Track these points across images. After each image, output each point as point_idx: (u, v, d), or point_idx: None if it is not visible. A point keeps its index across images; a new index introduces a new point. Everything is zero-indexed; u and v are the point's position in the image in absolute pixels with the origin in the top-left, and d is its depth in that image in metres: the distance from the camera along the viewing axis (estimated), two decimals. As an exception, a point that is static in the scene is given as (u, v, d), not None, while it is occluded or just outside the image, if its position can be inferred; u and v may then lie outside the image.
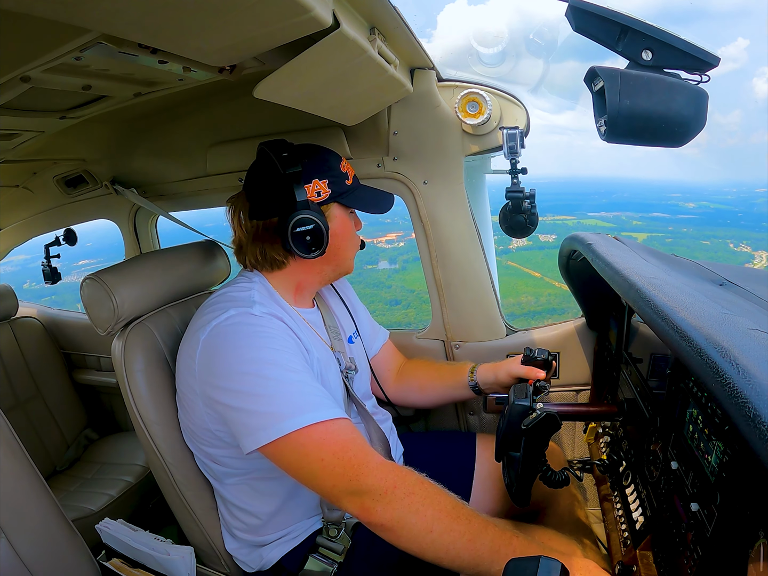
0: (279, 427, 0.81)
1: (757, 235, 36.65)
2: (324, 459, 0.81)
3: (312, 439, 0.81)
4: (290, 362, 0.87)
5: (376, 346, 1.32)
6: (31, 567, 0.80)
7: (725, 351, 0.53)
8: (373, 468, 0.81)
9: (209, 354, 0.88)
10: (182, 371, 0.95)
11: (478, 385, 1.22)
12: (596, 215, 37.42)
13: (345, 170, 1.03)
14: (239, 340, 0.86)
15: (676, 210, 47.89)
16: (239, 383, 0.84)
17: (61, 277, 2.14)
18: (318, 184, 0.98)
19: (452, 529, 0.77)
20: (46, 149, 1.53)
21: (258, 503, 1.00)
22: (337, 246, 1.03)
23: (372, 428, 1.11)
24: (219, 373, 0.86)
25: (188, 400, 0.94)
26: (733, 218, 46.46)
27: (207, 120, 1.49)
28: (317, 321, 1.11)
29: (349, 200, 1.03)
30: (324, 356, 1.03)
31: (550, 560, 0.57)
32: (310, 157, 1.00)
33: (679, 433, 0.85)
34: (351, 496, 0.81)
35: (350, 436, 0.84)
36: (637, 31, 0.77)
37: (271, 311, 0.93)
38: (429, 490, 0.81)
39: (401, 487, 0.79)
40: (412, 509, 0.78)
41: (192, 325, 0.96)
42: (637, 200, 56.08)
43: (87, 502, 1.67)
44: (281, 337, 0.90)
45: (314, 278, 1.07)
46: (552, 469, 0.97)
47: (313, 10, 0.59)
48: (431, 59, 1.19)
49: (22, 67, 0.75)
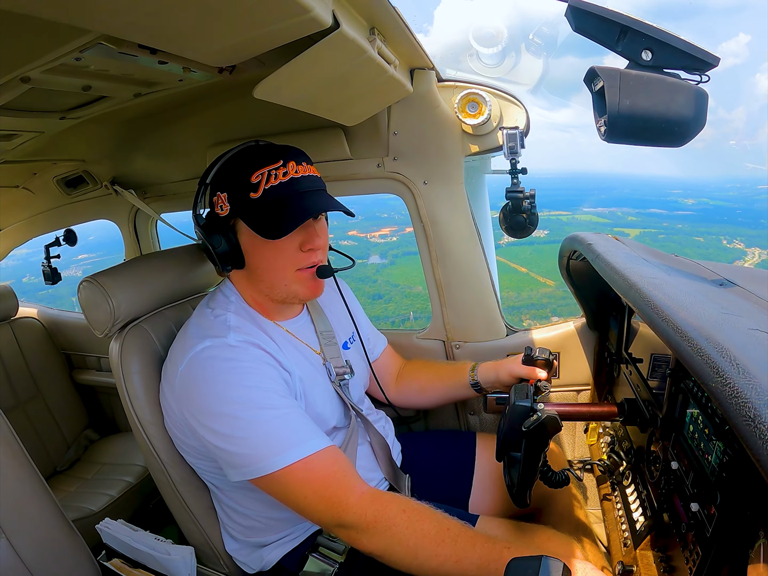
0: (259, 467, 0.82)
1: (753, 232, 36.65)
2: (307, 497, 0.83)
3: (293, 478, 0.83)
4: (266, 399, 0.86)
5: (377, 351, 1.32)
6: (31, 567, 0.80)
7: (725, 351, 0.53)
8: (353, 504, 0.82)
9: (187, 387, 0.88)
10: (165, 391, 0.96)
11: (479, 384, 1.22)
12: (592, 210, 37.32)
13: (257, 179, 0.89)
14: (213, 377, 0.86)
15: (674, 206, 47.82)
16: (216, 423, 0.84)
17: (61, 277, 2.14)
18: (220, 198, 0.93)
19: (437, 554, 0.79)
20: (46, 150, 1.53)
21: (257, 507, 0.99)
22: (255, 265, 0.95)
23: (370, 431, 1.11)
24: (197, 409, 0.87)
25: (173, 421, 0.96)
26: (732, 215, 46.43)
27: (207, 120, 1.49)
28: (304, 329, 1.08)
29: (249, 218, 0.90)
30: (308, 373, 1.00)
31: (552, 560, 0.57)
32: (222, 166, 0.94)
33: (679, 433, 0.85)
34: (338, 528, 0.84)
35: (331, 469, 0.84)
36: (636, 31, 0.77)
37: (247, 338, 0.90)
38: (411, 517, 0.81)
39: (381, 521, 0.81)
40: (395, 540, 0.80)
41: (172, 352, 0.97)
42: (636, 196, 56.06)
43: (87, 503, 1.67)
44: (256, 369, 0.88)
45: (260, 295, 1.00)
46: (552, 469, 0.97)
47: (313, 10, 0.59)
48: (431, 59, 1.19)
49: (22, 67, 0.75)
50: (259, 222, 0.90)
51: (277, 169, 0.90)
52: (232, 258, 0.95)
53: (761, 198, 56.49)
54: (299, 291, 0.97)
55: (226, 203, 0.92)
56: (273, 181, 0.89)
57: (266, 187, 0.89)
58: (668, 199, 51.98)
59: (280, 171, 0.90)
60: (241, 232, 0.94)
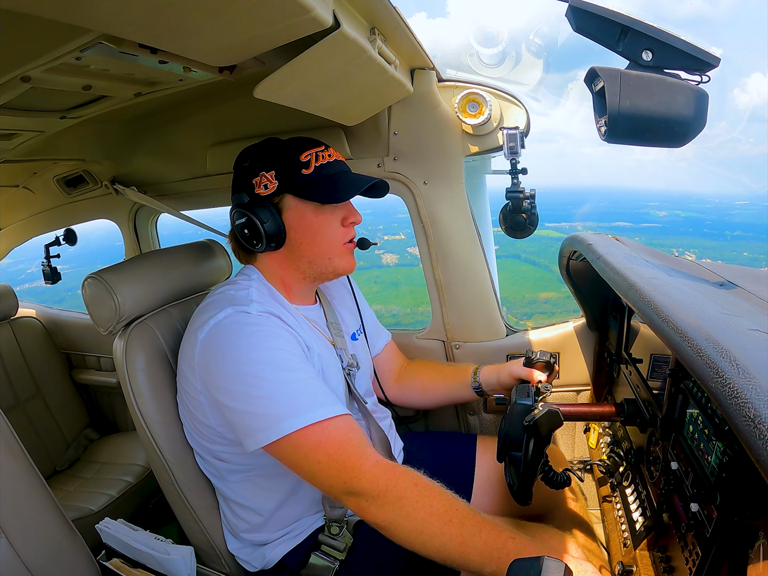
0: (277, 428, 0.82)
1: (710, 244, 36.85)
2: (321, 461, 0.83)
3: (309, 441, 0.83)
4: (287, 361, 0.87)
5: (379, 345, 1.33)
6: (31, 567, 0.80)
7: (725, 351, 0.53)
8: (366, 471, 0.82)
9: (208, 353, 0.89)
10: (184, 369, 0.95)
11: (481, 387, 1.22)
12: (554, 226, 36.81)
13: (307, 158, 0.95)
14: (236, 340, 0.87)
15: (643, 218, 47.97)
16: (237, 384, 0.85)
17: (60, 276, 2.14)
18: (264, 177, 0.95)
19: (443, 533, 0.78)
20: (46, 149, 1.52)
21: (260, 500, 1.00)
22: (299, 240, 0.98)
23: (372, 426, 1.11)
24: (218, 373, 0.87)
25: (190, 398, 0.95)
26: (699, 226, 46.71)
27: (207, 120, 1.49)
28: (319, 318, 1.11)
29: (301, 190, 0.95)
30: (325, 353, 1.03)
31: (553, 560, 0.57)
32: (262, 150, 0.98)
33: (679, 434, 0.85)
34: (348, 496, 0.83)
35: (347, 436, 0.85)
36: (637, 31, 0.77)
37: (268, 309, 0.93)
38: (422, 492, 0.81)
39: (393, 491, 0.81)
40: (403, 512, 0.80)
41: (191, 324, 0.97)
42: (611, 209, 56.52)
43: (87, 502, 1.67)
44: (278, 334, 0.90)
45: (294, 274, 1.03)
46: (554, 469, 0.97)
47: (314, 10, 0.59)
48: (431, 59, 1.19)
49: (22, 67, 0.75)
50: (313, 192, 0.95)
51: (323, 151, 0.98)
52: (276, 235, 0.96)
53: (735, 212, 57.09)
54: (339, 265, 1.03)
55: (273, 180, 0.95)
56: (322, 160, 0.97)
57: (317, 164, 0.96)
58: (640, 212, 52.30)
59: (326, 153, 0.99)
60: (287, 208, 0.97)
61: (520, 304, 18.06)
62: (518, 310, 18.22)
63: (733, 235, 42.67)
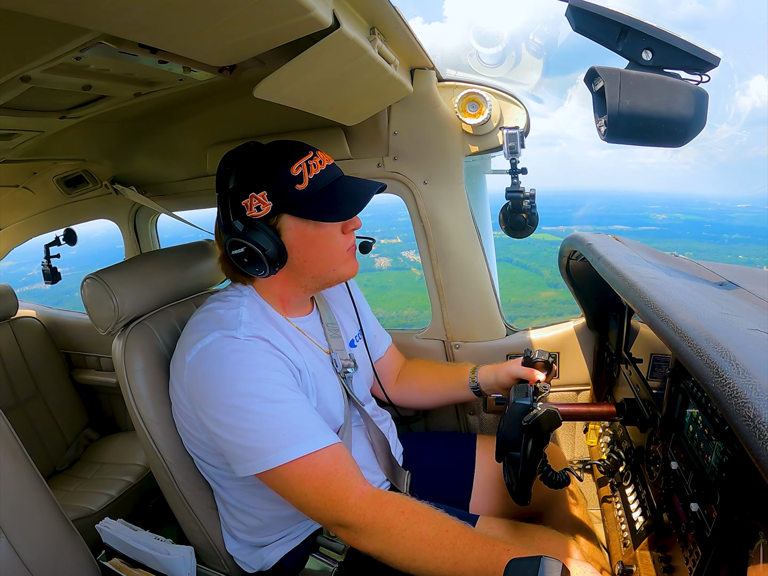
0: (264, 461, 0.82)
1: (707, 246, 36.73)
2: (307, 494, 0.83)
3: (295, 474, 0.83)
4: (274, 393, 0.85)
5: (381, 350, 1.32)
6: (31, 567, 0.80)
7: (725, 351, 0.53)
8: (352, 504, 0.82)
9: (196, 378, 0.88)
10: (174, 385, 0.95)
11: (479, 387, 1.22)
12: (551, 229, 36.51)
13: (298, 171, 0.88)
14: (222, 368, 0.85)
15: (641, 221, 47.85)
16: (224, 415, 0.84)
17: (60, 276, 2.14)
18: (255, 198, 0.88)
19: (435, 557, 0.78)
20: (46, 149, 1.53)
21: (257, 505, 1.00)
22: (302, 259, 0.94)
23: (372, 430, 1.11)
24: (205, 401, 0.86)
25: (182, 413, 0.95)
26: (697, 229, 46.54)
27: (207, 120, 1.49)
28: (314, 327, 1.07)
29: (299, 209, 0.89)
30: (319, 368, 1.00)
31: (551, 560, 0.57)
32: (246, 163, 0.90)
33: (678, 433, 0.85)
34: (337, 527, 0.84)
35: (333, 467, 0.84)
36: (637, 31, 0.77)
37: (256, 333, 0.89)
38: (410, 519, 0.81)
39: (380, 522, 0.81)
40: (392, 542, 0.80)
41: (181, 341, 0.95)
42: (611, 212, 56.43)
43: (87, 502, 1.67)
44: (266, 362, 0.87)
45: (294, 290, 1.00)
46: (553, 469, 0.97)
47: (313, 10, 0.59)
48: (431, 59, 1.19)
49: (22, 67, 0.75)
50: (312, 210, 0.89)
51: (312, 159, 0.91)
52: (278, 258, 0.91)
53: (736, 215, 57.05)
54: (344, 272, 0.99)
55: (266, 201, 0.88)
56: (314, 170, 0.90)
57: (310, 177, 0.89)
58: (639, 215, 52.19)
59: (316, 160, 0.92)
60: (285, 229, 0.91)
61: (506, 308, 18.47)
62: (505, 313, 18.50)
63: (731, 238, 42.70)
